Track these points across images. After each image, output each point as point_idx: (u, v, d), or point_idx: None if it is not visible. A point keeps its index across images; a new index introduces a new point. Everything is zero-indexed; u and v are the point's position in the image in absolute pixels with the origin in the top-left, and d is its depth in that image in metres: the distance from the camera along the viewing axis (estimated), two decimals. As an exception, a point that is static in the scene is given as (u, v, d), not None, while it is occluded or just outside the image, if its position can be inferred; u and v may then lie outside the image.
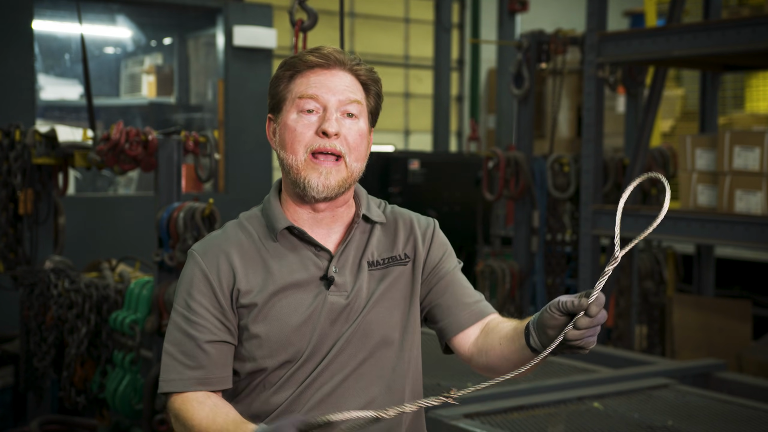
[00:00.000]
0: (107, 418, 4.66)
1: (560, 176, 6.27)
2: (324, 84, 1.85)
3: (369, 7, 13.67)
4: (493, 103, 11.70)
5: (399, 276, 1.92)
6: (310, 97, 1.84)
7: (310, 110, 1.84)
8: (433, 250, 1.97)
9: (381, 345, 1.87)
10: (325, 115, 1.84)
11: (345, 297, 1.86)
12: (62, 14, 8.31)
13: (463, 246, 8.16)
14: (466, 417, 3.50)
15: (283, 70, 1.89)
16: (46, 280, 4.70)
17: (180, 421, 1.82)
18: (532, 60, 6.42)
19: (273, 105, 1.91)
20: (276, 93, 1.90)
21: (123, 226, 7.14)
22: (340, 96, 1.85)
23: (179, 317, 1.88)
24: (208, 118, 8.60)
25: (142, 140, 4.27)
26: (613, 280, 5.77)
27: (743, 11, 6.78)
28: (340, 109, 1.85)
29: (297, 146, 1.84)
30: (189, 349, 1.85)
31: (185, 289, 1.89)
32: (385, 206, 2.00)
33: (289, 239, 1.89)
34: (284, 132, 1.87)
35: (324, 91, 1.84)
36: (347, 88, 1.86)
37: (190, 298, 1.87)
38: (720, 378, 4.38)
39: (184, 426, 1.81)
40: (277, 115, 1.90)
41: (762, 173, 4.85)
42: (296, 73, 1.87)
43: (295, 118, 1.85)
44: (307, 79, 1.86)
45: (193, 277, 1.88)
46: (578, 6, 8.74)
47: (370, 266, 1.90)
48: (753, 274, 7.61)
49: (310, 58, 1.86)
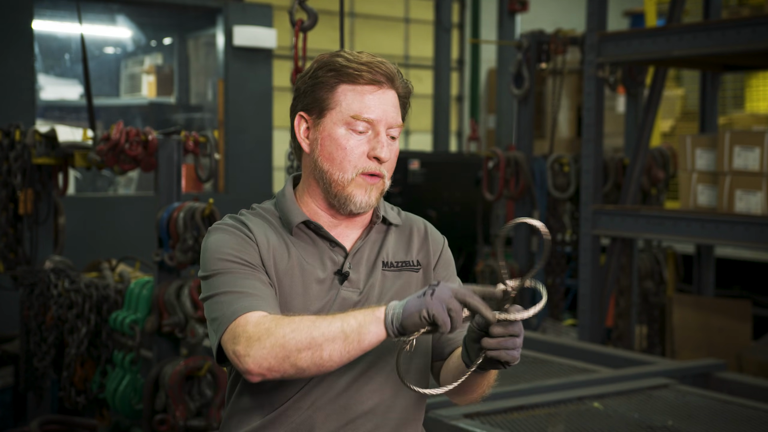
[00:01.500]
0: (107, 418, 4.66)
1: (560, 176, 6.27)
2: (378, 107, 1.84)
3: (369, 7, 13.67)
4: (493, 103, 11.70)
5: (410, 281, 1.93)
6: (365, 120, 1.84)
7: (362, 131, 1.84)
8: (440, 266, 1.98)
9: (387, 351, 1.86)
10: (378, 140, 1.84)
11: (358, 293, 1.87)
12: (62, 14, 8.30)
13: (463, 246, 8.16)
14: (466, 417, 3.50)
15: (328, 74, 1.85)
16: (46, 280, 4.70)
17: (277, 324, 1.66)
18: (532, 60, 6.42)
19: (311, 107, 1.88)
20: (319, 97, 1.86)
21: (123, 226, 7.14)
22: (390, 119, 1.86)
23: (225, 269, 1.80)
24: (208, 118, 8.60)
25: (142, 140, 4.27)
26: (613, 280, 5.77)
27: (743, 11, 6.79)
28: (387, 130, 1.86)
29: (347, 165, 1.84)
30: (249, 285, 1.77)
31: (220, 249, 1.82)
32: (399, 211, 2.02)
33: (305, 234, 1.89)
34: (330, 145, 1.85)
35: (377, 114, 1.84)
36: (395, 110, 1.87)
37: (232, 252, 1.81)
38: (720, 378, 4.38)
39: (285, 324, 1.66)
40: (317, 120, 1.87)
41: (762, 173, 4.85)
42: (343, 82, 1.85)
43: (345, 135, 1.84)
44: (360, 96, 1.84)
45: (230, 239, 1.83)
46: (578, 6, 8.75)
47: (385, 266, 1.91)
48: (753, 274, 7.61)
49: (365, 75, 1.84)
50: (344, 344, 1.63)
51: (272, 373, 1.67)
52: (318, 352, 1.64)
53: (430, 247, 1.97)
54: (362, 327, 1.63)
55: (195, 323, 4.01)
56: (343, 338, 1.63)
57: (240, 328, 1.70)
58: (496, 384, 1.89)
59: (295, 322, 1.66)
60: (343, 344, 1.63)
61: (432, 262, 1.97)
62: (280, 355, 1.65)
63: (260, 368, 1.67)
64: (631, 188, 5.75)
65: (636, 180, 5.74)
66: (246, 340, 1.67)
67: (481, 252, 7.69)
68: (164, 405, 4.04)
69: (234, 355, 1.69)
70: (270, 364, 1.66)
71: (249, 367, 1.67)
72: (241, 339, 1.68)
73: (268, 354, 1.65)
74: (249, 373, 1.67)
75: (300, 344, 1.64)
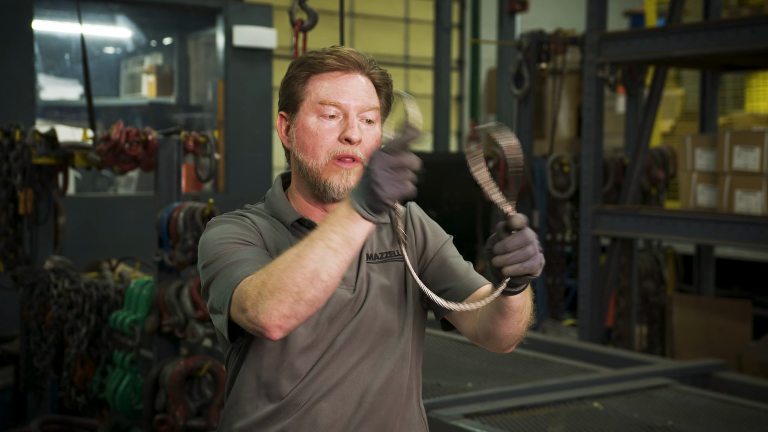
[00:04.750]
0: (107, 418, 4.66)
1: (560, 176, 6.27)
2: (345, 90, 1.86)
3: (369, 7, 13.68)
4: (493, 103, 11.70)
5: (396, 270, 1.94)
6: (332, 104, 1.85)
7: (332, 116, 1.86)
8: (429, 239, 1.98)
9: (382, 338, 1.89)
10: (347, 122, 1.85)
11: (351, 291, 1.88)
12: (62, 14, 8.30)
13: (463, 246, 8.14)
14: (466, 417, 3.50)
15: (299, 69, 1.89)
16: (46, 280, 4.70)
17: (269, 273, 1.66)
18: (532, 60, 6.42)
19: (287, 104, 1.92)
20: (292, 93, 1.90)
21: (123, 226, 7.14)
22: (360, 102, 1.86)
23: (224, 250, 1.79)
24: (208, 118, 8.60)
25: (142, 140, 4.27)
26: (613, 280, 5.77)
27: (743, 11, 6.79)
28: (359, 114, 1.86)
29: (319, 151, 1.85)
30: (244, 253, 1.77)
31: (220, 235, 1.82)
32: None
33: (300, 232, 1.90)
34: (303, 135, 1.87)
35: (346, 98, 1.85)
36: (366, 94, 1.88)
37: (232, 236, 1.81)
38: (720, 378, 4.38)
39: (275, 268, 1.66)
40: (293, 114, 1.90)
41: (762, 173, 4.85)
42: (312, 74, 1.88)
43: (316, 122, 1.86)
44: (327, 83, 1.86)
45: (230, 227, 1.83)
46: (578, 6, 8.75)
47: (369, 259, 1.92)
48: (753, 274, 7.61)
49: (330, 61, 1.86)
50: (337, 258, 1.62)
51: (288, 319, 1.65)
52: (317, 279, 1.62)
53: (410, 228, 1.97)
54: (346, 234, 1.61)
55: (195, 323, 4.01)
56: (333, 254, 1.62)
57: (241, 294, 1.69)
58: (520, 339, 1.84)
59: (285, 263, 1.64)
60: (336, 259, 1.62)
61: (419, 241, 1.97)
62: (286, 300, 1.63)
63: (274, 320, 1.64)
64: (631, 188, 5.75)
65: (636, 180, 5.74)
66: (250, 303, 1.66)
67: (481, 252, 7.68)
68: (164, 405, 4.04)
69: (247, 321, 1.68)
70: (281, 312, 1.64)
71: (264, 323, 1.65)
72: (246, 304, 1.67)
73: (275, 305, 1.64)
74: (266, 329, 1.65)
75: (299, 282, 1.62)
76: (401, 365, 1.90)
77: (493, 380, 4.15)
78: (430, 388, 3.96)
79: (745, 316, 5.76)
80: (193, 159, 4.58)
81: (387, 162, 1.57)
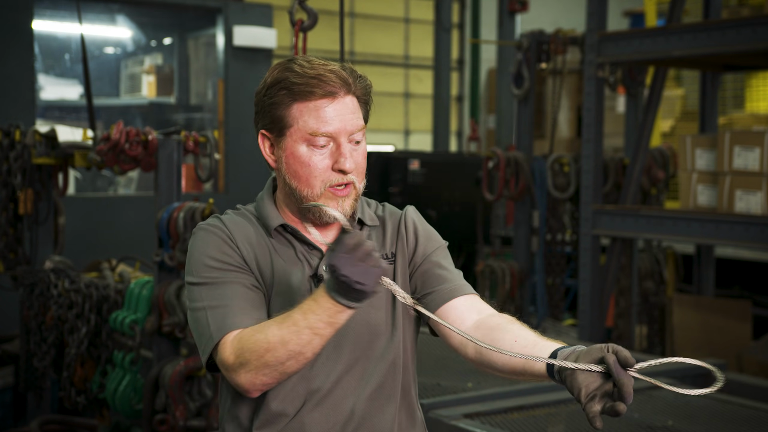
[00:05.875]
0: (107, 418, 4.66)
1: (560, 176, 6.27)
2: (333, 117, 1.82)
3: (369, 7, 13.68)
4: (493, 103, 11.70)
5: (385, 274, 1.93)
6: (322, 135, 1.83)
7: (323, 145, 1.84)
8: (420, 244, 1.97)
9: (371, 343, 1.88)
10: (340, 152, 1.83)
11: None
12: (62, 14, 8.30)
13: (463, 246, 8.17)
14: (466, 417, 3.50)
15: (282, 94, 1.84)
16: (46, 280, 4.70)
17: (250, 349, 1.73)
18: (532, 60, 6.41)
19: (270, 126, 1.87)
20: (276, 117, 1.85)
21: (123, 226, 7.14)
22: (349, 126, 1.84)
23: (207, 279, 1.83)
24: (208, 118, 8.60)
25: (142, 140, 4.28)
26: (613, 280, 5.77)
27: (743, 11, 6.79)
28: (348, 137, 1.85)
29: (313, 181, 1.84)
30: (232, 296, 1.81)
31: (204, 253, 1.85)
32: (377, 207, 2.01)
33: (284, 237, 1.90)
34: (294, 163, 1.85)
35: (335, 125, 1.82)
36: (354, 115, 1.85)
37: (214, 257, 1.84)
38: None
39: (258, 346, 1.71)
40: (278, 138, 1.87)
41: (762, 173, 4.85)
42: (296, 101, 1.83)
43: (307, 153, 1.83)
44: (315, 113, 1.82)
45: (213, 240, 1.86)
46: (578, 6, 8.74)
47: None
48: (753, 274, 7.61)
49: (317, 90, 1.81)
50: (323, 339, 1.70)
51: (268, 386, 1.77)
52: (301, 357, 1.71)
53: (403, 232, 1.97)
54: (334, 321, 1.67)
55: (195, 323, 4.01)
56: (319, 338, 1.69)
57: (225, 354, 1.77)
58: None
59: (268, 336, 1.70)
60: (322, 340, 1.70)
61: (410, 245, 1.96)
62: (271, 374, 1.73)
63: (256, 386, 1.76)
64: (631, 188, 5.75)
65: (636, 180, 5.74)
66: (233, 367, 1.75)
67: (481, 252, 7.69)
68: (164, 405, 4.04)
69: (228, 378, 1.79)
70: (262, 380, 1.75)
71: (246, 388, 1.77)
72: (228, 364, 1.76)
73: (258, 377, 1.74)
74: (247, 392, 1.78)
75: (281, 357, 1.71)
76: (393, 369, 1.90)
77: (493, 380, 4.15)
78: (430, 388, 3.95)
79: (745, 316, 5.76)
80: (193, 159, 4.58)
81: (352, 261, 1.59)
